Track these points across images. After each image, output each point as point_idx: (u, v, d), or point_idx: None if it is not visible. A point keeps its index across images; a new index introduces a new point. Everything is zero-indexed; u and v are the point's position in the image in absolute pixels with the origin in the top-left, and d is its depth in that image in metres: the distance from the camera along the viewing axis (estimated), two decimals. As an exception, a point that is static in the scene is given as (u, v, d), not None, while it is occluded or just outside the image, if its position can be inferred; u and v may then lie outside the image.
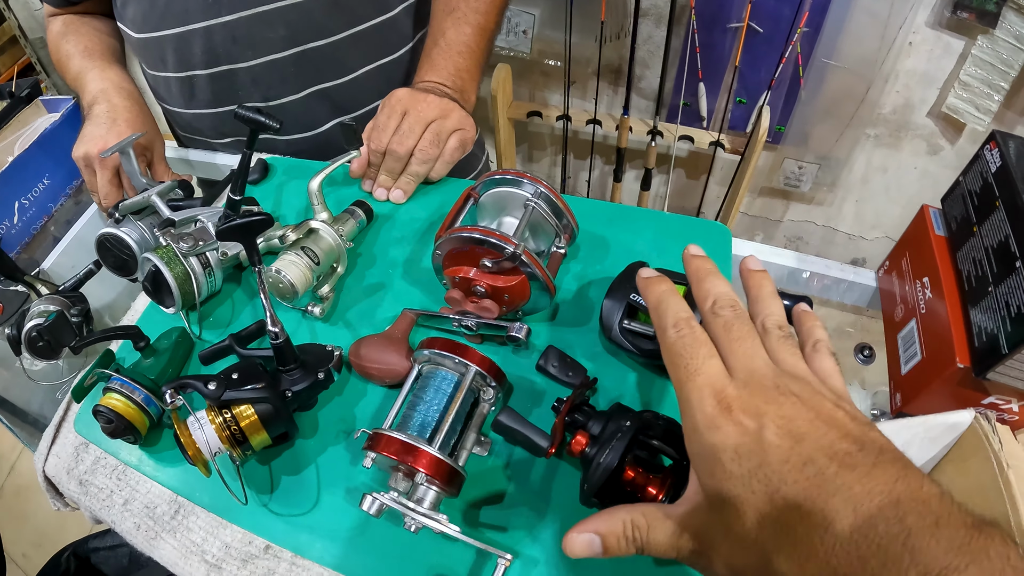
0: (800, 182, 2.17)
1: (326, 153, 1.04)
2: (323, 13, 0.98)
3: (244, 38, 0.98)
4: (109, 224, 0.81)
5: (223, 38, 0.98)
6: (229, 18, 0.96)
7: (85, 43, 1.10)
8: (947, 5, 1.71)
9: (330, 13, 0.99)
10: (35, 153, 1.14)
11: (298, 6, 0.96)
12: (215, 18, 0.96)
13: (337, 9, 0.99)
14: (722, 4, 1.84)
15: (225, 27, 0.96)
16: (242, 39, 0.98)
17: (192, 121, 1.12)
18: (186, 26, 0.97)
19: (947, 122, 1.91)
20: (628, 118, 2.05)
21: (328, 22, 1.00)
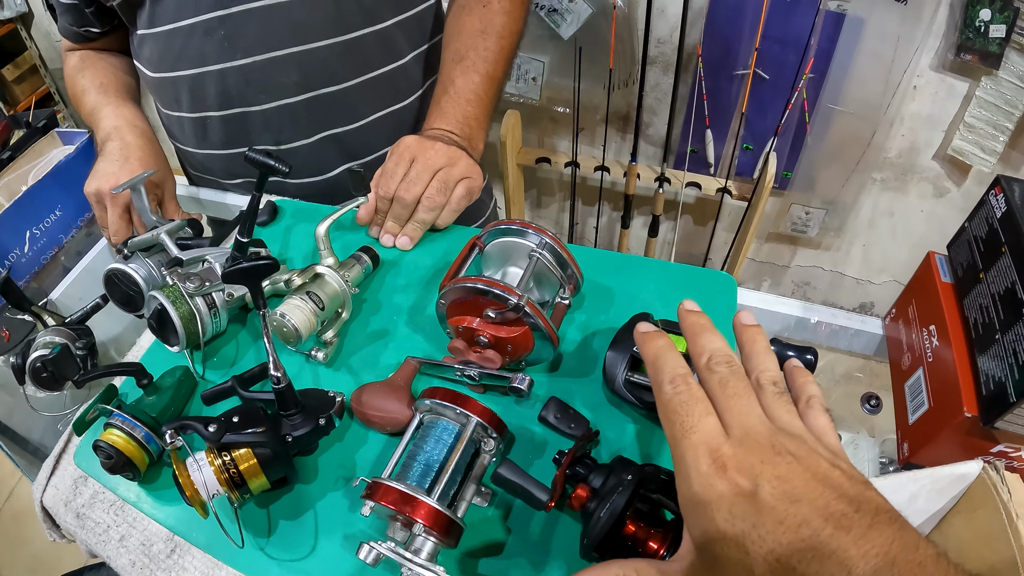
0: (807, 227, 2.16)
1: (335, 197, 1.03)
2: (335, 59, 0.99)
3: (258, 82, 0.98)
4: (117, 260, 0.80)
5: (237, 81, 0.98)
6: (243, 62, 0.96)
7: (101, 79, 1.11)
8: (950, 48, 1.71)
9: (342, 60, 0.99)
10: (48, 184, 1.13)
11: (311, 52, 0.97)
12: (230, 61, 0.96)
13: (349, 56, 1.00)
14: (728, 52, 1.85)
15: (239, 70, 0.97)
16: (255, 83, 0.98)
17: (204, 160, 1.12)
18: (201, 68, 0.98)
19: (953, 164, 1.90)
20: (636, 165, 2.05)
21: (340, 68, 1.00)
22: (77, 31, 1.11)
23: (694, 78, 1.90)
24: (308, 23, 0.95)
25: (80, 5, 1.06)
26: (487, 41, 0.98)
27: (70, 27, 1.11)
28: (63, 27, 1.13)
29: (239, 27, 0.94)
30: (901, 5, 1.68)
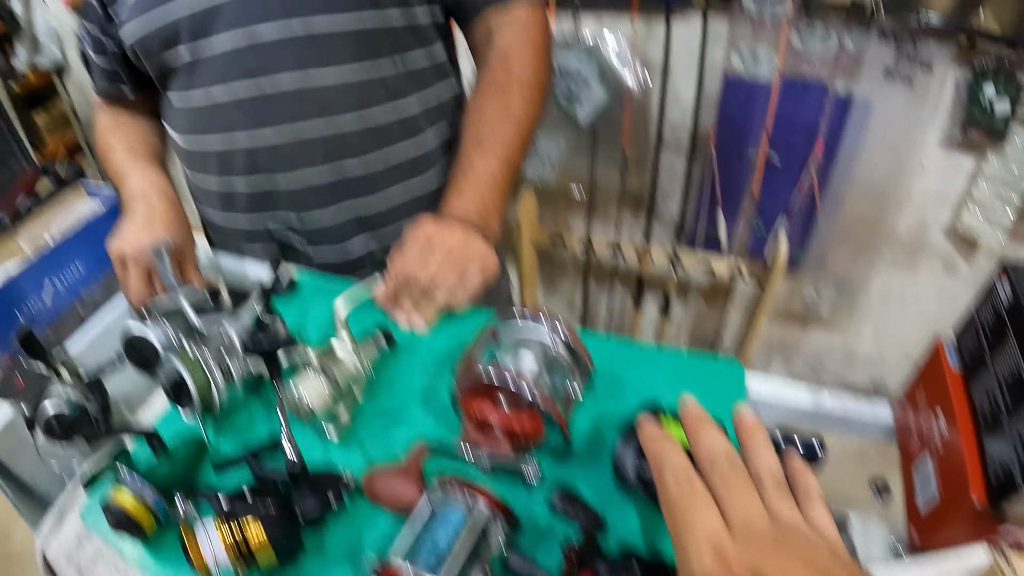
0: (818, 306, 2.15)
1: (353, 268, 1.06)
2: (359, 137, 1.01)
3: (284, 155, 1.00)
4: (136, 322, 0.81)
5: (265, 153, 1.00)
6: (272, 136, 0.98)
7: (130, 140, 1.13)
8: (956, 126, 1.73)
9: (366, 137, 1.01)
10: (73, 239, 1.16)
11: (337, 129, 0.99)
12: (259, 135, 0.99)
13: (373, 136, 1.02)
14: (740, 135, 1.87)
15: (268, 144, 0.99)
16: (283, 156, 1.00)
17: (226, 224, 1.13)
18: (231, 138, 1.00)
19: (962, 240, 1.90)
20: (649, 246, 2.06)
21: (364, 147, 1.02)
22: (111, 91, 1.14)
23: (707, 161, 1.92)
24: (335, 102, 0.98)
25: (116, 67, 1.10)
26: (506, 126, 1.00)
27: (105, 86, 1.14)
28: (97, 87, 1.15)
29: (269, 102, 0.96)
30: (907, 87, 1.73)
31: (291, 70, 0.95)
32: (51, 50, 3.22)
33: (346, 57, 0.96)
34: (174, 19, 0.94)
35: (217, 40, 0.95)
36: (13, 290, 1.09)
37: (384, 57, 0.99)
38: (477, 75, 1.07)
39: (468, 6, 1.05)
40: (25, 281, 1.10)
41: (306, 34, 0.94)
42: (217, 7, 0.93)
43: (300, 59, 0.95)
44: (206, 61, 0.97)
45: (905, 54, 1.69)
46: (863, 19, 1.67)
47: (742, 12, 1.73)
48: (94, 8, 1.05)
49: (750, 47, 1.77)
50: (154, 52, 0.99)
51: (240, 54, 0.95)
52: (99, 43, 1.08)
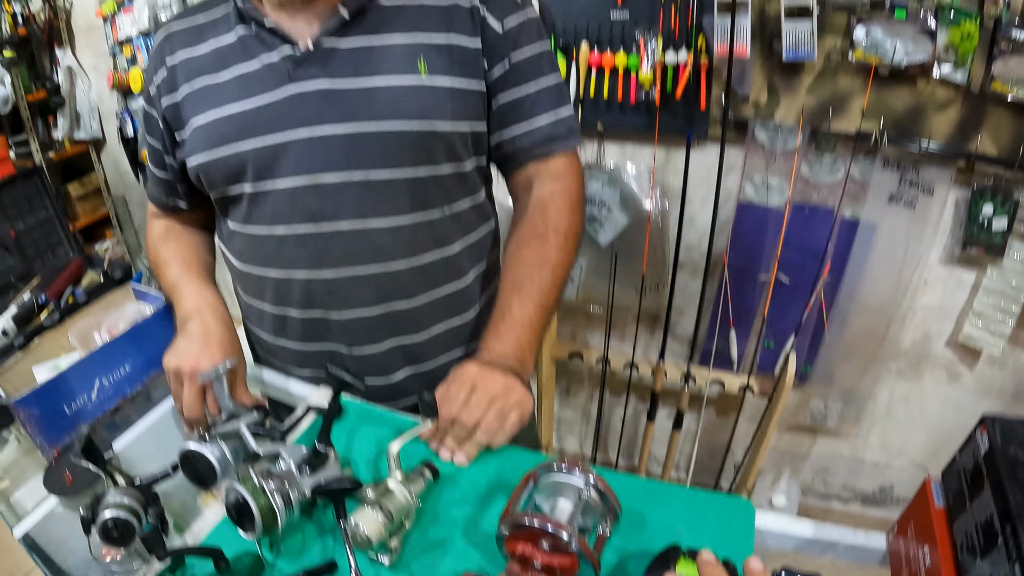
0: (826, 417, 2.18)
1: (397, 397, 1.12)
2: (408, 279, 1.05)
3: (339, 293, 1.04)
4: (194, 440, 0.85)
5: (320, 289, 1.04)
6: (329, 274, 1.03)
7: (184, 253, 1.17)
8: (957, 243, 1.82)
9: (414, 279, 1.06)
10: (124, 340, 1.19)
11: (388, 271, 1.03)
12: (316, 272, 1.03)
13: (420, 276, 1.06)
14: (752, 258, 1.93)
15: (324, 282, 1.04)
16: (337, 293, 1.04)
17: (277, 349, 1.16)
18: (289, 272, 1.04)
19: (964, 349, 1.97)
20: (663, 364, 2.07)
21: (411, 287, 1.06)
22: (165, 202, 1.18)
23: (720, 282, 1.96)
24: (388, 246, 1.02)
25: (173, 181, 1.14)
26: (543, 273, 1.05)
27: (159, 197, 1.18)
28: (152, 194, 1.20)
29: (328, 244, 1.01)
30: (910, 209, 1.82)
31: (350, 217, 1.00)
32: (90, 125, 3.30)
33: (401, 206, 1.01)
34: (241, 158, 0.99)
35: (281, 181, 0.99)
36: (62, 385, 1.12)
37: (435, 207, 1.04)
38: (515, 219, 1.12)
39: (512, 158, 1.10)
40: (75, 377, 1.13)
41: (364, 181, 0.98)
42: (283, 149, 0.97)
43: (359, 206, 1.00)
44: (269, 198, 1.01)
45: (907, 180, 1.79)
46: (868, 148, 1.76)
47: (756, 143, 1.80)
48: (158, 127, 1.09)
49: (763, 177, 1.84)
50: (218, 184, 1.04)
51: (302, 196, 0.99)
52: (159, 158, 1.13)
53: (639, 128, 1.90)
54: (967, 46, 1.60)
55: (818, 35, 1.65)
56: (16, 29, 3.04)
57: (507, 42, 1.02)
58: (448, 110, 0.99)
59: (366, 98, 0.96)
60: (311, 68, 0.97)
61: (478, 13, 1.00)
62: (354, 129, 0.96)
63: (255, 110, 0.98)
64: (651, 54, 1.77)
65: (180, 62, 1.04)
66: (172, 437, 1.09)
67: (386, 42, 0.98)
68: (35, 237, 2.02)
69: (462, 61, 0.99)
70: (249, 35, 1.00)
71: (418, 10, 0.99)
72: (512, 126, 1.06)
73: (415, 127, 0.97)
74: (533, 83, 1.05)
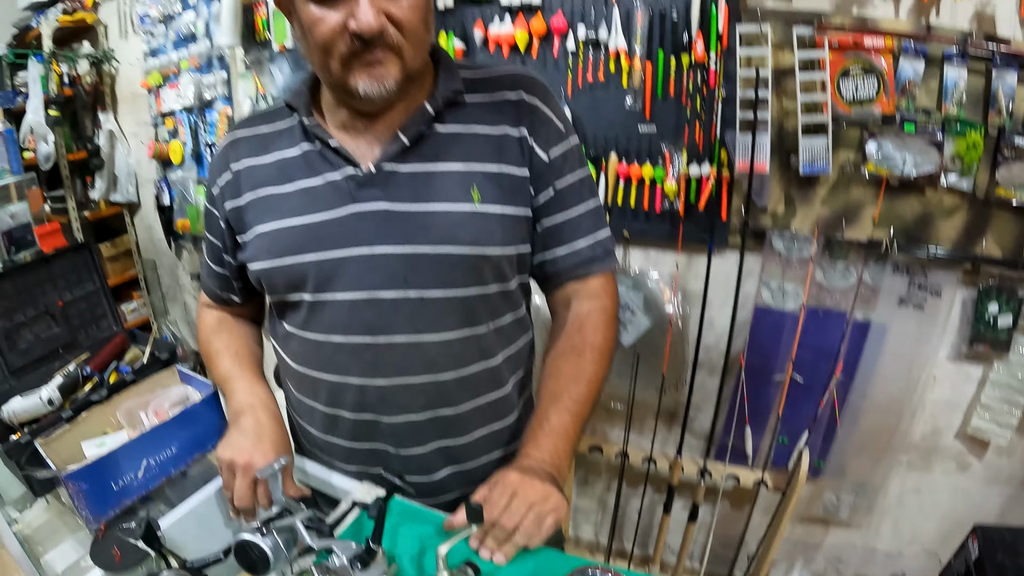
0: (839, 509, 2.20)
1: (437, 494, 1.16)
2: (455, 388, 1.10)
3: (391, 400, 1.08)
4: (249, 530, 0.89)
5: (374, 395, 1.08)
6: (382, 382, 1.07)
7: (236, 347, 1.23)
8: (964, 340, 1.87)
9: (461, 389, 1.10)
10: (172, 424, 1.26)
11: (437, 381, 1.08)
12: (371, 380, 1.07)
13: (467, 386, 1.11)
14: (768, 359, 1.96)
15: (377, 388, 1.07)
16: (389, 400, 1.08)
17: (325, 445, 1.19)
18: (343, 378, 1.08)
19: (973, 441, 2.01)
20: (681, 459, 2.08)
21: (458, 396, 1.11)
22: (219, 295, 1.25)
23: (737, 381, 1.98)
24: (438, 358, 1.07)
25: (229, 277, 1.20)
26: (579, 386, 1.11)
27: (214, 289, 1.25)
28: (207, 286, 1.26)
29: (383, 354, 1.05)
30: (919, 311, 1.87)
31: (405, 331, 1.04)
32: (127, 188, 3.36)
33: (451, 322, 1.06)
34: (303, 269, 1.04)
35: (340, 293, 1.04)
36: (111, 463, 1.18)
37: (481, 323, 1.09)
38: (553, 333, 1.18)
39: (553, 277, 1.16)
40: (124, 456, 1.19)
41: (419, 299, 1.03)
42: (344, 264, 1.02)
43: (413, 322, 1.04)
44: (328, 308, 1.05)
45: (916, 283, 1.85)
46: (879, 255, 1.81)
47: (773, 251, 1.85)
48: (219, 226, 1.15)
49: (779, 283, 1.89)
50: (279, 290, 1.09)
51: (360, 309, 1.04)
52: (218, 255, 1.19)
53: (663, 236, 1.95)
54: (972, 155, 1.68)
55: (832, 149, 1.72)
56: (63, 89, 3.13)
57: (552, 170, 1.08)
58: (498, 236, 1.04)
59: (423, 222, 1.02)
60: (372, 190, 1.02)
61: (527, 143, 1.06)
62: (411, 250, 1.01)
63: (318, 224, 1.03)
64: (676, 167, 1.82)
65: (245, 168, 1.10)
66: (215, 519, 1.13)
67: (442, 169, 1.03)
68: (80, 308, 2.06)
69: (512, 189, 1.05)
70: (313, 151, 1.05)
71: (472, 139, 1.04)
72: (555, 248, 1.13)
73: (468, 251, 1.03)
74: (575, 208, 1.11)
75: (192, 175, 2.96)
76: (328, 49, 0.92)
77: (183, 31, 2.80)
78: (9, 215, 2.36)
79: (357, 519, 1.03)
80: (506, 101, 1.06)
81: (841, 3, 1.71)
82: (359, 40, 0.90)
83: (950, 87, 1.67)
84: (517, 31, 1.91)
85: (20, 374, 1.79)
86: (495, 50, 1.96)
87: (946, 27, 1.66)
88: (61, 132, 3.16)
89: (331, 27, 0.90)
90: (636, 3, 1.80)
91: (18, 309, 1.89)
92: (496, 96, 1.07)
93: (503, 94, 1.07)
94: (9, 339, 1.84)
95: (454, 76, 1.05)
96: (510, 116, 1.06)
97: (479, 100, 1.06)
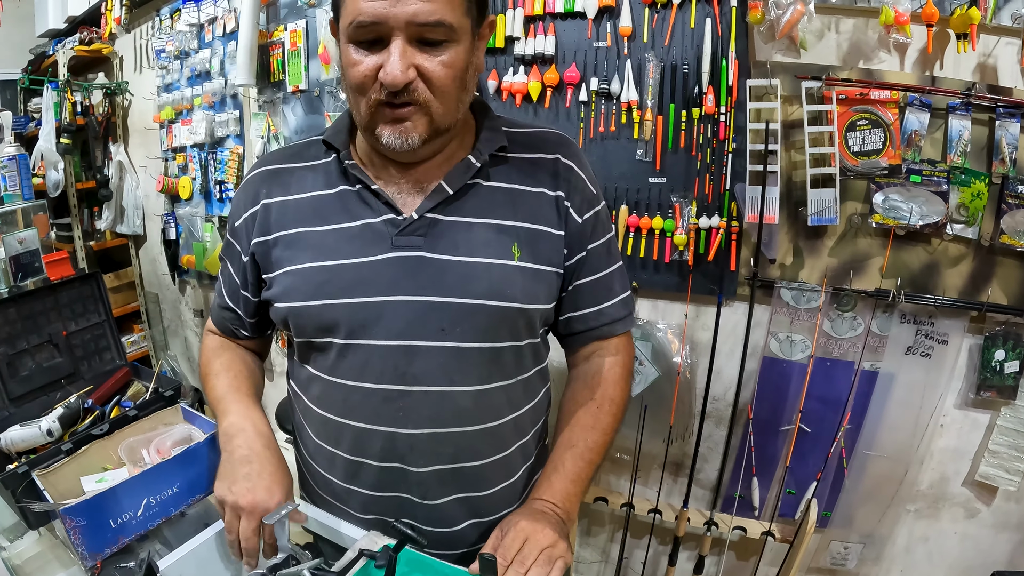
0: (846, 560, 2.19)
1: (455, 545, 1.15)
2: (482, 440, 1.11)
3: (420, 449, 1.08)
4: None
5: (403, 444, 1.07)
6: (413, 432, 1.06)
7: (237, 369, 1.22)
8: (971, 387, 1.88)
9: (487, 440, 1.12)
10: (174, 463, 1.24)
11: (467, 432, 1.08)
12: (401, 428, 1.06)
13: (492, 437, 1.12)
14: (776, 410, 1.98)
15: (408, 437, 1.07)
16: (419, 449, 1.08)
17: (341, 493, 1.16)
18: (372, 425, 1.07)
19: (981, 488, 2.00)
20: (687, 510, 2.08)
21: (484, 447, 1.12)
22: (228, 328, 1.25)
23: (744, 431, 2.00)
24: (468, 410, 1.07)
25: (241, 314, 1.20)
26: (594, 435, 1.14)
27: (223, 323, 1.25)
28: (216, 318, 1.26)
29: (416, 404, 1.05)
30: (926, 359, 1.89)
31: (438, 382, 1.05)
32: (133, 221, 3.40)
33: (484, 374, 1.07)
34: (335, 312, 1.03)
35: (374, 340, 1.03)
36: (111, 499, 1.16)
37: (511, 377, 1.11)
38: (572, 382, 1.22)
39: (578, 335, 1.19)
40: (124, 493, 1.17)
41: (456, 349, 1.04)
42: (379, 311, 1.02)
43: (448, 372, 1.05)
44: (360, 353, 1.04)
45: (923, 332, 1.87)
46: (887, 305, 1.84)
47: (781, 302, 1.87)
48: (240, 260, 1.14)
49: (787, 334, 1.91)
50: (308, 333, 1.07)
51: (394, 356, 1.03)
52: (233, 288, 1.19)
53: (672, 286, 1.98)
54: (977, 204, 1.71)
55: (840, 201, 1.76)
56: (75, 118, 3.20)
57: (585, 233, 1.11)
58: (536, 293, 1.07)
59: (463, 275, 1.02)
60: (412, 237, 1.02)
61: (562, 203, 1.09)
62: (450, 301, 1.02)
63: (354, 267, 1.02)
64: (686, 218, 1.85)
65: (276, 203, 1.09)
66: (214, 562, 1.11)
67: (484, 222, 1.04)
68: (84, 339, 2.02)
69: (549, 248, 1.08)
70: (351, 193, 1.05)
71: (513, 195, 1.07)
72: (584, 308, 1.16)
73: (507, 306, 1.04)
74: (604, 270, 1.15)
75: (200, 211, 3.00)
76: (360, 92, 0.94)
77: (198, 68, 2.86)
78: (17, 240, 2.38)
79: (363, 568, 1.01)
80: (545, 161, 1.09)
81: (848, 57, 1.76)
82: (387, 91, 0.91)
83: (954, 137, 1.71)
84: (531, 82, 1.96)
85: (20, 402, 1.77)
86: (507, 99, 2.01)
87: (950, 79, 1.70)
88: (71, 160, 3.23)
89: (365, 72, 0.92)
90: (648, 56, 1.85)
91: (21, 336, 1.87)
92: (535, 155, 1.09)
93: (542, 154, 1.10)
94: (11, 366, 1.81)
95: (498, 132, 1.08)
96: (548, 176, 1.08)
97: (519, 157, 1.09)
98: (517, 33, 1.97)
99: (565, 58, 1.95)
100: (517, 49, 1.98)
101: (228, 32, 2.72)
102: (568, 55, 1.94)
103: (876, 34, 1.72)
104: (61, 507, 1.14)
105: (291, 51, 2.50)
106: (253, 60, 2.53)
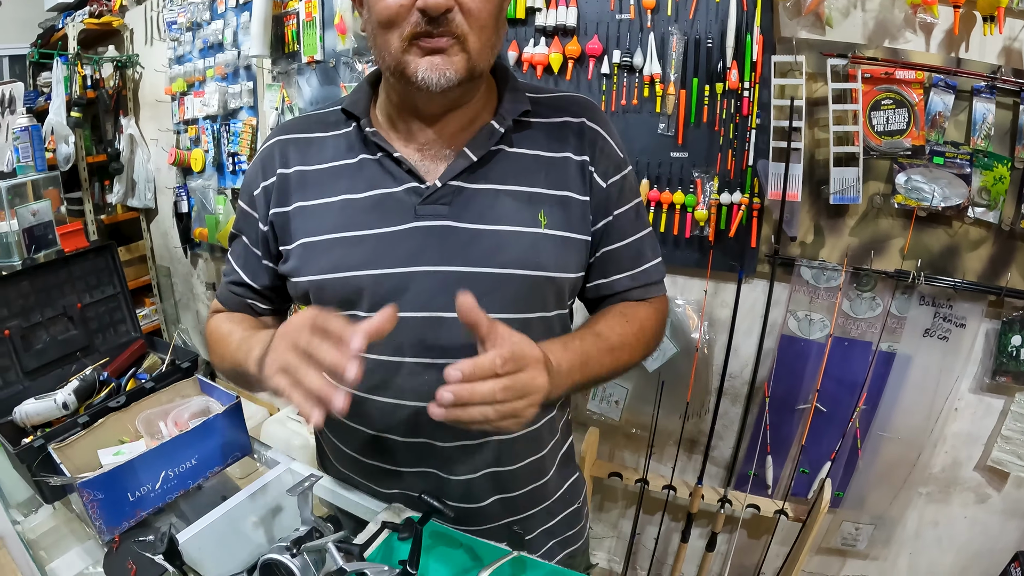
0: (857, 541, 2.20)
1: (480, 521, 1.09)
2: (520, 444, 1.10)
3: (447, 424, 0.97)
4: (279, 551, 0.86)
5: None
6: None
7: (249, 323, 1.12)
8: (987, 372, 1.88)
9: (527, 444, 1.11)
10: (192, 435, 1.22)
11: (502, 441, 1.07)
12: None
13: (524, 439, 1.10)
14: (792, 388, 1.98)
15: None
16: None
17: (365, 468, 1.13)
18: (398, 401, 1.02)
19: (993, 473, 2.00)
20: (701, 487, 2.09)
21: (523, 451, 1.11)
22: (243, 302, 1.15)
23: (760, 409, 2.00)
24: None
25: (258, 287, 1.13)
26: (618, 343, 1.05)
27: (235, 298, 1.15)
28: (226, 294, 1.16)
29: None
30: (943, 342, 1.89)
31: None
32: (144, 194, 3.39)
33: None
34: (358, 284, 0.98)
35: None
36: (129, 472, 1.14)
37: None
38: None
39: (609, 299, 1.14)
40: (142, 466, 1.15)
41: None
42: (404, 282, 0.98)
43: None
44: None
45: (941, 315, 1.86)
46: (906, 286, 1.83)
47: (801, 280, 1.87)
48: (257, 229, 1.08)
49: (806, 312, 1.90)
50: (330, 305, 0.99)
51: (420, 328, 0.98)
52: (251, 262, 1.12)
53: (691, 262, 1.98)
54: (999, 188, 1.70)
55: (863, 180, 1.74)
56: (85, 92, 3.18)
57: (611, 199, 1.07)
58: (564, 261, 1.03)
59: (490, 244, 0.98)
60: (437, 206, 0.98)
61: (587, 168, 1.04)
62: (478, 271, 0.98)
63: (377, 238, 0.98)
64: (707, 193, 1.84)
65: (295, 172, 1.04)
66: (232, 535, 1.07)
67: (509, 189, 1.00)
68: (99, 312, 2.01)
69: (575, 215, 1.04)
70: (372, 162, 1.01)
71: (538, 161, 1.03)
72: (613, 275, 1.11)
73: (535, 275, 1.00)
74: (631, 236, 1.10)
75: (213, 184, 2.99)
76: (391, 25, 0.88)
77: (210, 39, 2.83)
78: (31, 212, 2.36)
79: (385, 540, 0.98)
80: (570, 125, 1.05)
81: (874, 35, 1.75)
82: (425, 17, 0.85)
83: (978, 120, 1.70)
84: (552, 53, 1.95)
85: (34, 376, 1.76)
86: (528, 71, 2.00)
87: (975, 61, 1.69)
88: (81, 134, 3.21)
89: (401, 1, 0.86)
90: (672, 30, 1.83)
91: (35, 309, 1.85)
92: (559, 120, 1.05)
93: (566, 119, 1.06)
94: (25, 340, 1.80)
95: (520, 96, 1.03)
96: (573, 142, 1.05)
97: (543, 122, 1.05)
98: (539, 4, 1.96)
99: (587, 30, 1.93)
100: (539, 20, 1.97)
101: (241, 3, 2.70)
102: (590, 27, 1.93)
103: (902, 13, 1.70)
104: (79, 480, 1.11)
105: (306, 21, 2.48)
106: (267, 31, 2.51)
